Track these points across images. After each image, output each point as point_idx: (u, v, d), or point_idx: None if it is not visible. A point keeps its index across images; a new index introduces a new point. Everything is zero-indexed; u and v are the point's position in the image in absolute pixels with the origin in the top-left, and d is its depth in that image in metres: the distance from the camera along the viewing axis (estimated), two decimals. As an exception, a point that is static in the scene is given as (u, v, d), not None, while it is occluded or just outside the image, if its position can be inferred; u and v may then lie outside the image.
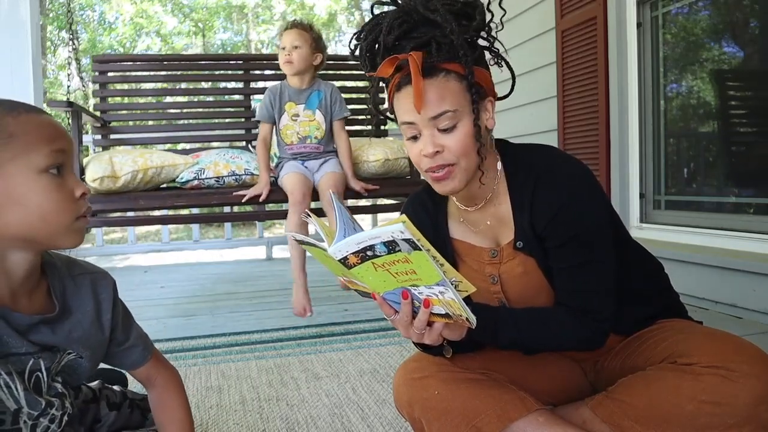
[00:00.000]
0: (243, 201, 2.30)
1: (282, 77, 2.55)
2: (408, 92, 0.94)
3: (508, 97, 1.07)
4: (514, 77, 1.07)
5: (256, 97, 3.04)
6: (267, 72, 3.18)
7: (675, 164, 2.78)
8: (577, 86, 3.07)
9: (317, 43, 2.38)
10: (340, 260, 0.79)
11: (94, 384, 1.13)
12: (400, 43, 0.95)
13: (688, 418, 0.87)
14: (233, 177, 2.43)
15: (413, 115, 0.94)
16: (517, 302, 1.07)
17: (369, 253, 0.77)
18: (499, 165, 1.05)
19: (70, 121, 2.31)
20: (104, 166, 2.24)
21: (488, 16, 0.99)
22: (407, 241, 0.73)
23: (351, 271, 0.81)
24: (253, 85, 3.13)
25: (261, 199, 2.28)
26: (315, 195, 2.33)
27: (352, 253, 0.77)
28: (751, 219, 2.29)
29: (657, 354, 0.98)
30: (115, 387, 1.17)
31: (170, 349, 2.03)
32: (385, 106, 1.13)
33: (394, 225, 0.72)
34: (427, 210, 1.12)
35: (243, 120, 3.07)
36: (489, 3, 0.99)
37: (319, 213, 2.42)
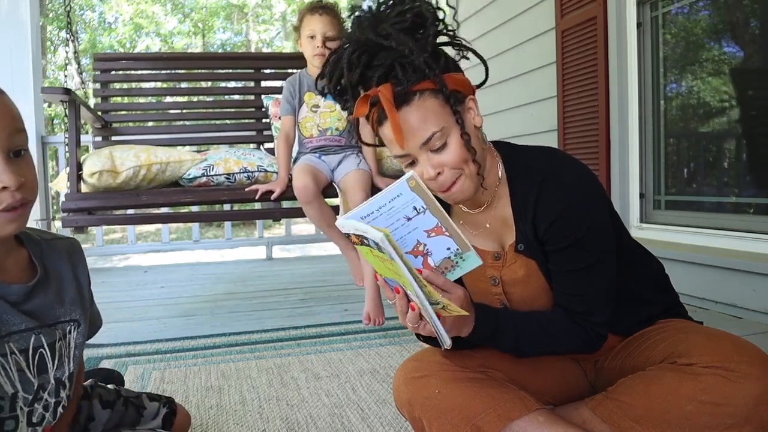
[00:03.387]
0: (256, 197, 2.16)
1: (287, 75, 2.43)
2: (390, 126, 0.92)
3: (484, 84, 1.04)
4: (485, 64, 1.04)
5: (264, 97, 2.95)
6: (278, 71, 3.05)
7: (675, 164, 2.78)
8: (577, 86, 3.07)
9: (344, 29, 2.20)
10: (345, 234, 0.83)
11: (86, 382, 1.14)
12: (365, 74, 0.93)
13: (687, 418, 0.87)
14: (245, 174, 2.27)
15: (403, 148, 0.93)
16: (519, 304, 1.07)
17: (365, 241, 0.79)
18: (500, 167, 1.04)
19: (66, 112, 2.14)
20: (103, 160, 2.10)
21: (441, 14, 0.97)
22: (386, 251, 0.76)
23: (357, 247, 0.84)
24: (264, 84, 2.98)
25: (273, 197, 2.15)
26: (332, 191, 2.19)
27: (354, 234, 0.80)
28: (751, 219, 2.29)
29: (657, 354, 0.98)
30: (109, 386, 1.17)
31: (170, 349, 2.03)
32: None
33: (376, 232, 0.75)
34: None
35: (254, 121, 2.92)
36: (437, 4, 0.97)
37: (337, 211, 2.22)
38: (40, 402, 0.87)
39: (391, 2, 0.94)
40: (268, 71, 3.05)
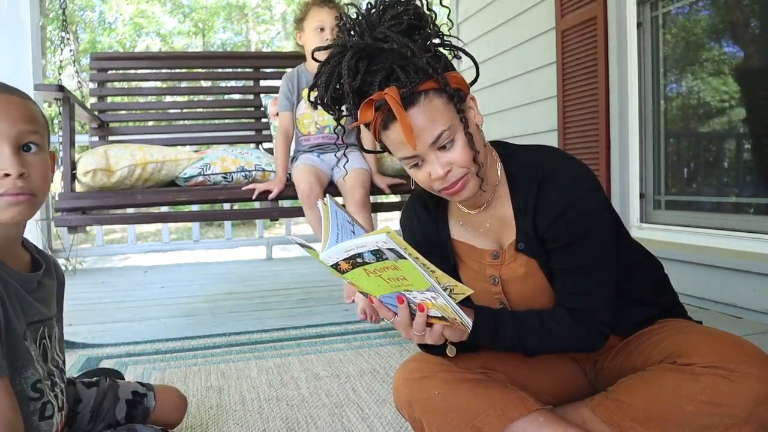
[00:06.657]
0: (253, 197, 2.12)
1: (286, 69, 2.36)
2: (397, 128, 0.91)
3: (475, 82, 1.04)
4: (476, 64, 1.04)
5: (263, 96, 2.91)
6: (275, 70, 3.02)
7: (675, 164, 2.78)
8: (577, 86, 3.07)
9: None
10: (331, 266, 0.80)
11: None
12: (365, 80, 0.92)
13: (687, 418, 0.87)
14: (242, 173, 2.21)
15: (412, 149, 0.92)
16: (518, 303, 1.07)
17: (359, 260, 0.77)
18: (499, 167, 1.04)
19: (60, 109, 2.10)
20: (98, 159, 2.05)
21: (433, 16, 0.96)
22: (392, 250, 0.74)
23: (345, 275, 0.82)
24: (263, 83, 2.97)
25: (271, 197, 2.11)
26: (333, 191, 2.14)
27: (343, 260, 0.78)
28: (751, 219, 2.29)
29: (656, 354, 0.98)
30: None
31: (170, 349, 2.03)
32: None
33: (378, 235, 0.73)
34: (428, 210, 1.12)
35: (253, 120, 2.90)
36: (429, 4, 0.96)
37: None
38: (57, 387, 0.93)
39: (382, 7, 0.94)
40: (268, 70, 3.04)
